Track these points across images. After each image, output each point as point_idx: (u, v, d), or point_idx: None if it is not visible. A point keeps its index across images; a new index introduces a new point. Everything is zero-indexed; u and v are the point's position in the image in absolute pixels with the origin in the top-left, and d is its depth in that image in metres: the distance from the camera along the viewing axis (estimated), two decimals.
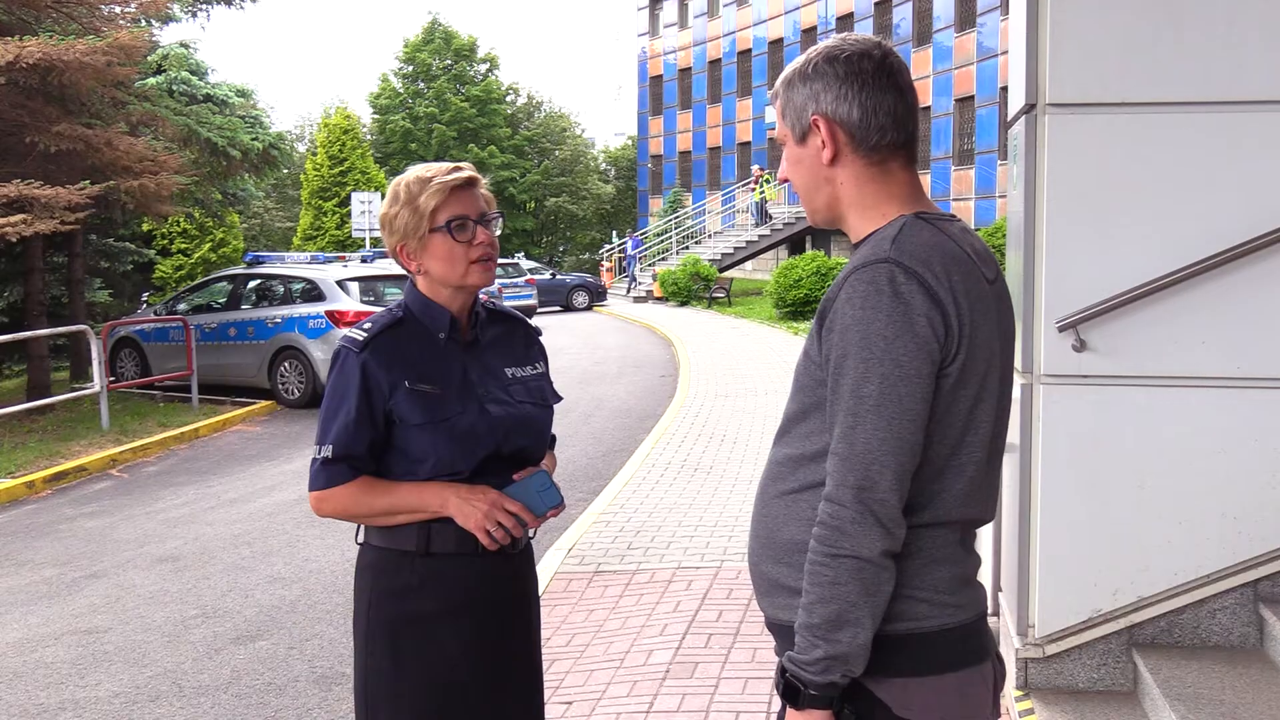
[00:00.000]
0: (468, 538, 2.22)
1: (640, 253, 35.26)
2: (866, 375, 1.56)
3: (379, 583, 2.25)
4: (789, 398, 1.75)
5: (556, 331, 22.30)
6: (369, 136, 48.30)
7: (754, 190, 33.64)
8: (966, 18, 29.90)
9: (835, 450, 1.59)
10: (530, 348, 2.44)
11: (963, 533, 1.71)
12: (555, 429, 2.46)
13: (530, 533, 2.32)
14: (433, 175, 2.26)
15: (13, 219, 10.96)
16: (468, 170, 2.29)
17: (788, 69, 1.76)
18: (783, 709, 1.66)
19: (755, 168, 36.56)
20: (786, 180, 1.80)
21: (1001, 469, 1.81)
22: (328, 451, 2.20)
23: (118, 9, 13.90)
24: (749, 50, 41.23)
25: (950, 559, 1.67)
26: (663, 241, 36.47)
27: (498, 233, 2.32)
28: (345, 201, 33.60)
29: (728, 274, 31.39)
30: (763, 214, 33.22)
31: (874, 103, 1.67)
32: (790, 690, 1.61)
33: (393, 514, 2.22)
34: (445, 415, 2.21)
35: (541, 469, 2.31)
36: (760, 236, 32.88)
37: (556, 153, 54.07)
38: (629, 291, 33.22)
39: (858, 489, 1.56)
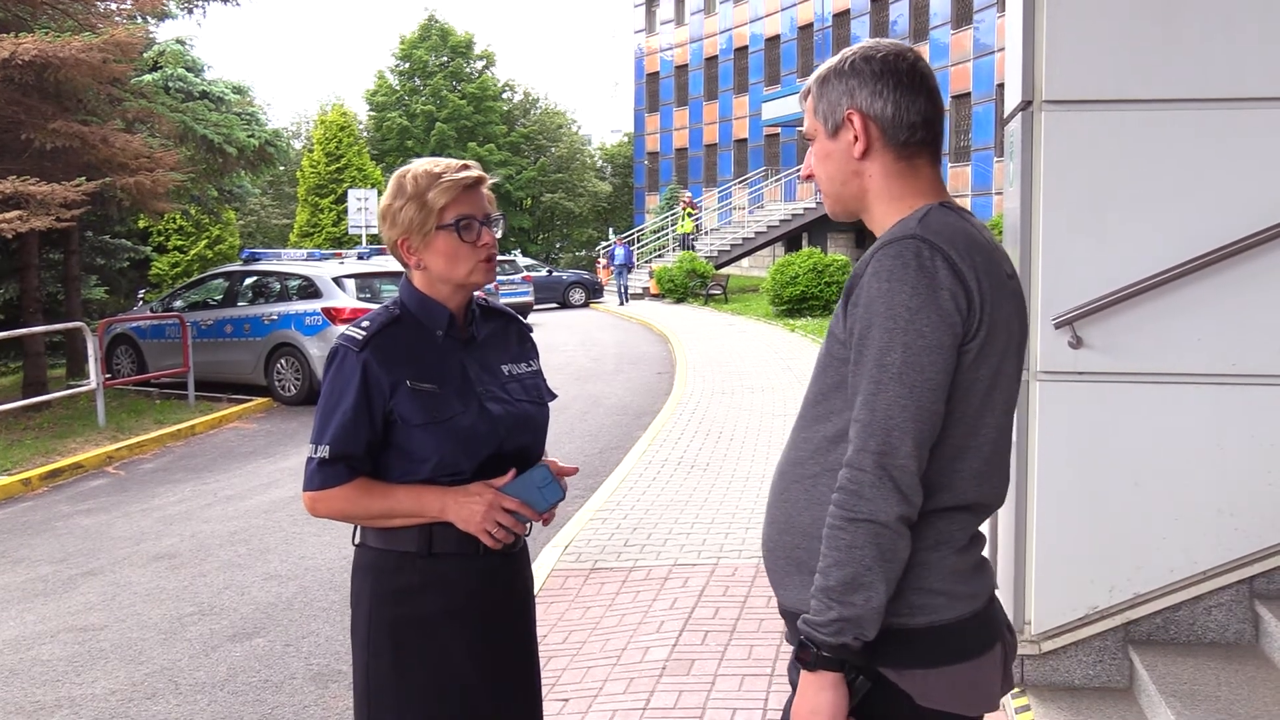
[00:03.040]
0: (468, 538, 2.20)
1: (629, 263, 31.49)
2: (890, 345, 1.60)
3: (379, 584, 2.23)
4: (810, 383, 1.79)
5: (553, 328, 22.29)
6: (365, 134, 48.19)
7: (679, 221, 33.39)
8: (963, 14, 29.90)
9: (857, 417, 1.63)
10: (524, 344, 2.42)
11: (977, 518, 1.76)
12: (552, 426, 2.44)
13: (526, 530, 2.31)
14: (442, 171, 2.22)
15: (8, 215, 10.92)
16: (476, 170, 2.26)
17: (821, 68, 1.81)
18: (794, 683, 1.70)
19: (685, 195, 36.43)
20: (810, 177, 1.84)
21: (1009, 456, 1.83)
22: (324, 451, 2.16)
23: (113, 5, 13.87)
24: (745, 47, 41.18)
25: (968, 549, 1.73)
26: (659, 239, 36.43)
27: (499, 235, 2.29)
28: (342, 199, 33.51)
29: (724, 271, 31.37)
30: (685, 246, 33.00)
31: (906, 101, 1.74)
32: (804, 652, 1.65)
33: (389, 517, 2.20)
34: (447, 414, 2.18)
35: (543, 464, 2.29)
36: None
37: (553, 149, 53.95)
38: (621, 304, 29.54)
39: (878, 454, 1.59)
